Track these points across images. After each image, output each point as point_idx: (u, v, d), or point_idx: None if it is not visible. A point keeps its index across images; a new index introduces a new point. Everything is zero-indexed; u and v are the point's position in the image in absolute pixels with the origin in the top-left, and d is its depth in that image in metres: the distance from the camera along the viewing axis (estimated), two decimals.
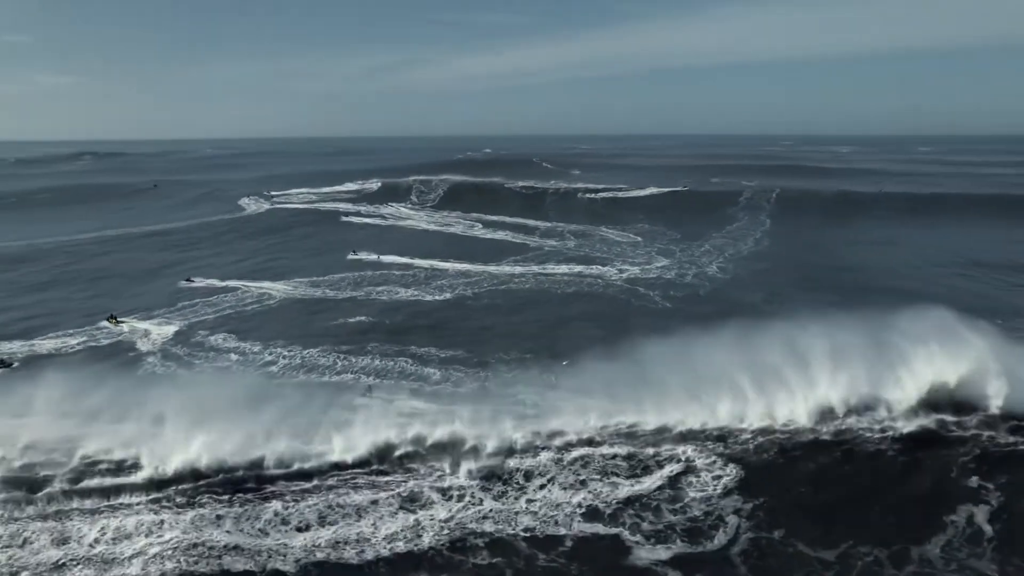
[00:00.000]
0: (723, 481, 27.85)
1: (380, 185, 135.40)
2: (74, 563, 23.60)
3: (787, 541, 24.42)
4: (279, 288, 63.52)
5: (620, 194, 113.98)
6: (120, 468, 28.99)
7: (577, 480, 28.12)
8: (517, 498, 27.14)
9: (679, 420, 31.75)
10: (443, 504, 26.77)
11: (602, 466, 29.09)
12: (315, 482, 28.31)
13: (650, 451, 30.01)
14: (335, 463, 29.35)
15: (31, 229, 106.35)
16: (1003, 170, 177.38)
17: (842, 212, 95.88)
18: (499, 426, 31.07)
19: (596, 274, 67.14)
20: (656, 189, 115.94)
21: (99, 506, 26.80)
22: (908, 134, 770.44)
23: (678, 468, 28.70)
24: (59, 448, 29.73)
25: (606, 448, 30.31)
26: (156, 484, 28.07)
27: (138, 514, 26.19)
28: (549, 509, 26.43)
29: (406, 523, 25.51)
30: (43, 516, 26.16)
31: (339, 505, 26.61)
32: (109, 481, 28.20)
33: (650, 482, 27.89)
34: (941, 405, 31.91)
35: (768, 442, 30.73)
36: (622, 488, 27.56)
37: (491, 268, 71.95)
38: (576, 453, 29.90)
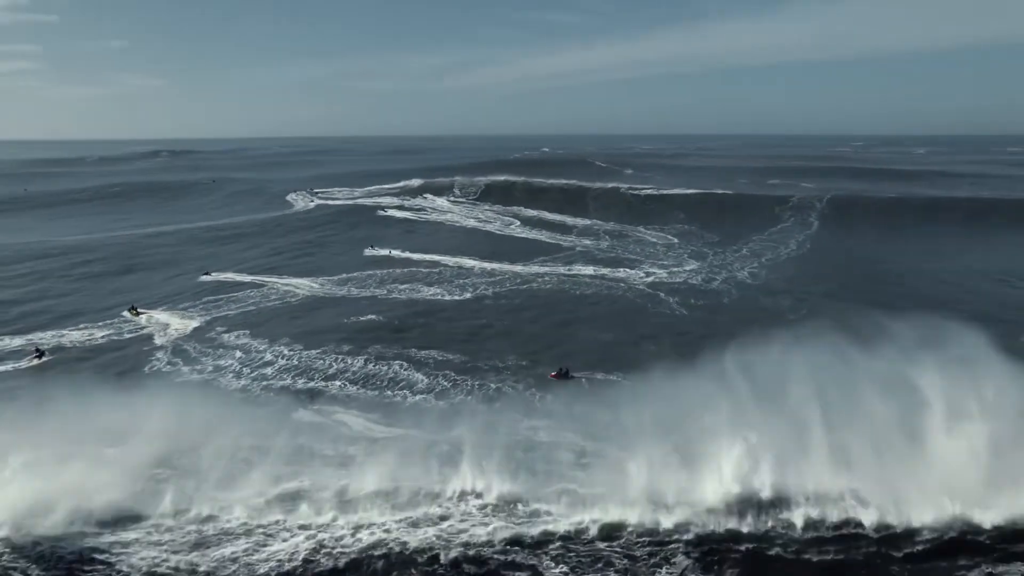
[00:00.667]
0: None
1: (426, 183, 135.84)
2: None
3: None
4: (305, 285, 64.26)
5: (664, 193, 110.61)
6: None
7: None
8: None
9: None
10: None
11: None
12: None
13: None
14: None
15: (92, 222, 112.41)
16: None
17: (898, 218, 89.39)
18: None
19: (620, 277, 65.07)
20: (702, 190, 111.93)
21: None
22: (998, 134, 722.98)
23: None
24: None
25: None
26: None
27: None
28: None
29: None
30: None
31: None
32: None
33: None
34: None
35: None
36: None
37: (517, 268, 71.17)
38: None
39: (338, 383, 38.81)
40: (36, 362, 44.63)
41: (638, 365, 40.71)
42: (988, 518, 24.57)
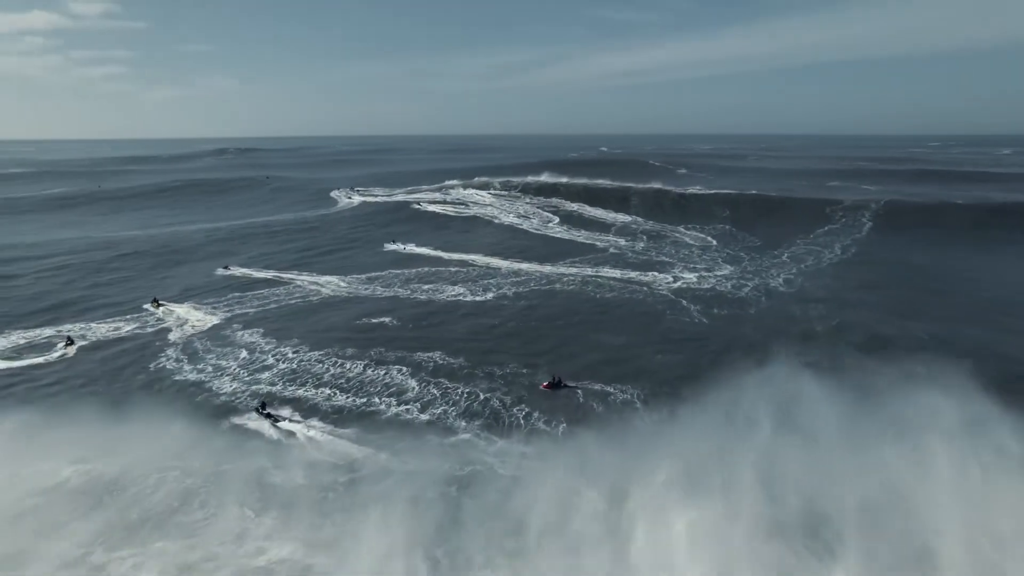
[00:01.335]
0: None
1: (470, 181, 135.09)
2: None
3: None
4: (332, 283, 64.79)
5: (709, 193, 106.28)
6: None
7: None
8: None
9: None
10: None
11: None
12: None
13: None
14: None
15: (146, 217, 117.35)
16: None
17: (962, 225, 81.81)
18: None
19: (646, 281, 62.54)
20: (749, 191, 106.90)
21: None
22: None
23: None
24: None
25: None
26: None
27: None
28: None
29: None
30: None
31: None
32: None
33: None
34: None
35: None
36: None
37: (545, 268, 70.04)
38: None
39: (327, 392, 37.89)
40: (66, 350, 46.67)
41: (639, 376, 39.10)
42: None
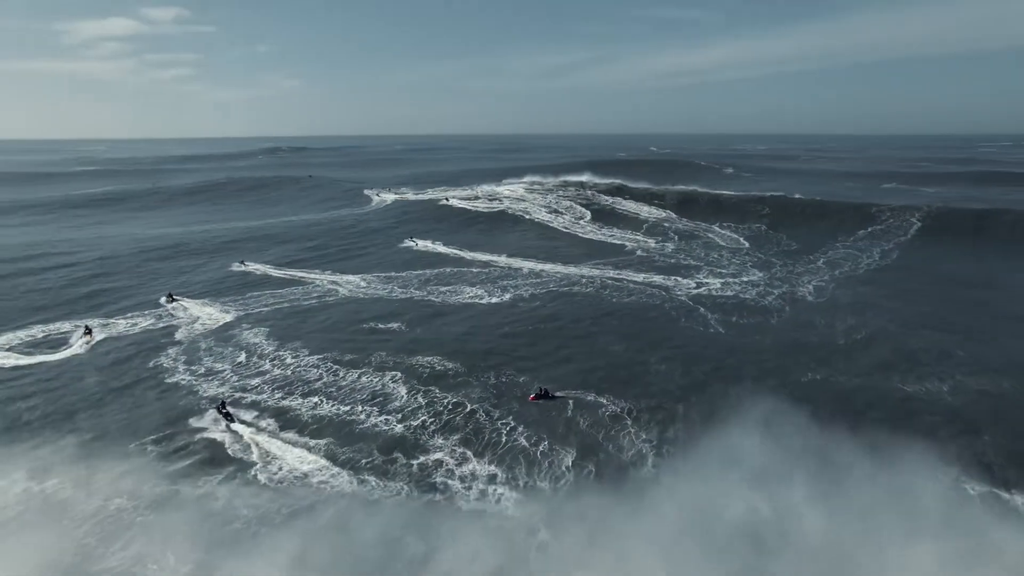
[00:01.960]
0: None
1: (511, 180, 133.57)
2: None
3: None
4: (351, 282, 64.50)
5: (749, 195, 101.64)
6: None
7: None
8: None
9: None
10: None
11: None
12: None
13: None
14: None
15: (189, 214, 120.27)
16: None
17: (1017, 233, 76.31)
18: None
19: (667, 286, 59.81)
20: (790, 193, 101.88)
21: None
22: None
23: None
24: None
25: None
26: None
27: None
28: None
29: None
30: None
31: None
32: None
33: None
34: None
35: None
36: None
37: (569, 269, 68.62)
38: None
39: (314, 400, 36.57)
40: (85, 338, 48.43)
41: (635, 388, 36.85)
42: None
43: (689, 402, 34.39)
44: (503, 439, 31.54)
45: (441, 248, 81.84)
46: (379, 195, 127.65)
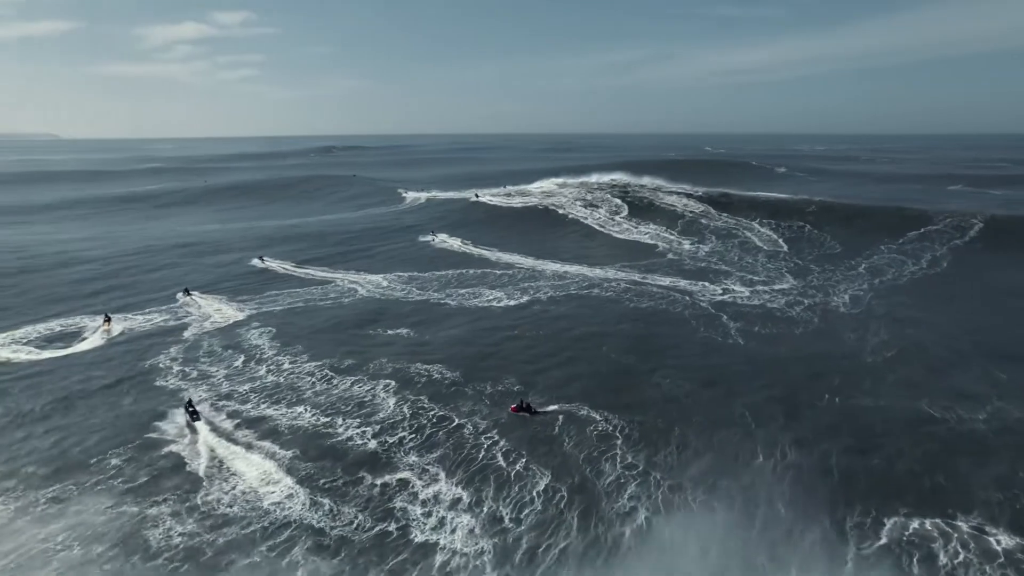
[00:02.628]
0: None
1: (552, 179, 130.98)
2: None
3: None
4: (371, 282, 63.73)
5: (792, 198, 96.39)
6: None
7: None
8: None
9: None
10: None
11: None
12: None
13: None
14: None
15: (228, 211, 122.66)
16: None
17: None
18: None
19: (691, 291, 56.62)
20: (837, 195, 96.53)
21: None
22: None
23: None
24: None
25: None
26: None
27: None
28: None
29: None
30: None
31: None
32: None
33: None
34: None
35: None
36: None
37: (595, 272, 66.51)
38: None
39: (297, 410, 34.73)
40: (106, 327, 49.78)
41: (633, 404, 34.21)
42: None
43: (688, 422, 31.61)
44: (480, 455, 29.49)
45: (468, 248, 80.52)
46: (414, 194, 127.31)
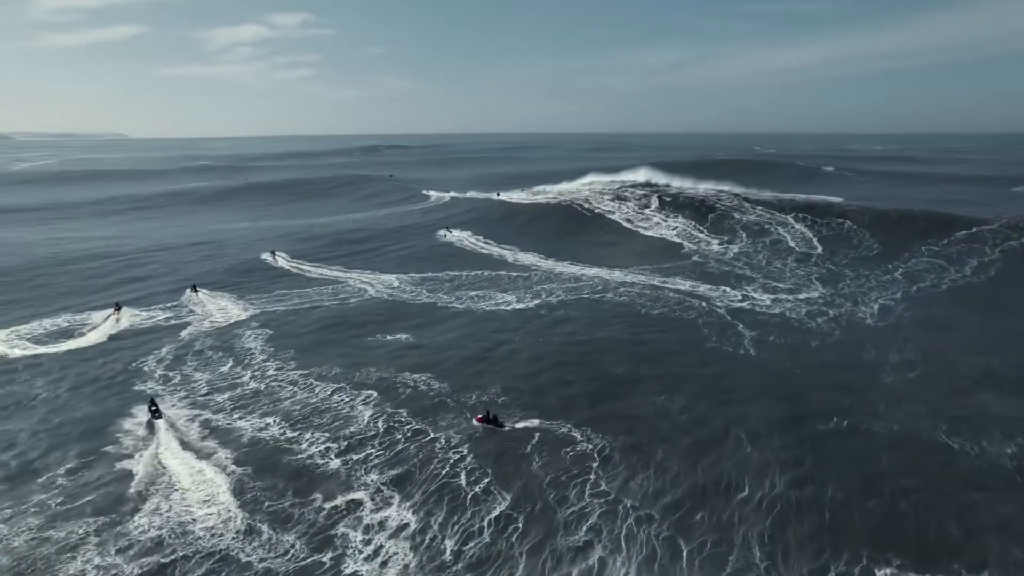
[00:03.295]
0: None
1: (585, 178, 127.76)
2: None
3: None
4: (382, 282, 62.67)
5: (830, 197, 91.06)
6: None
7: None
8: None
9: None
10: None
11: None
12: None
13: None
14: None
15: (260, 210, 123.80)
16: None
17: None
18: None
19: (709, 297, 53.41)
20: (881, 198, 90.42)
21: None
22: None
23: None
24: None
25: None
26: None
27: None
28: None
29: None
30: None
31: None
32: None
33: None
34: None
35: None
36: None
37: (613, 274, 64.09)
38: None
39: (268, 420, 33.01)
40: (115, 315, 50.98)
41: (619, 422, 31.60)
42: None
43: (675, 444, 28.86)
44: (444, 473, 27.36)
45: (486, 247, 79.05)
46: (439, 193, 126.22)
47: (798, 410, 31.77)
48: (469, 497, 25.48)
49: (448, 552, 21.91)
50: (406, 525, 23.84)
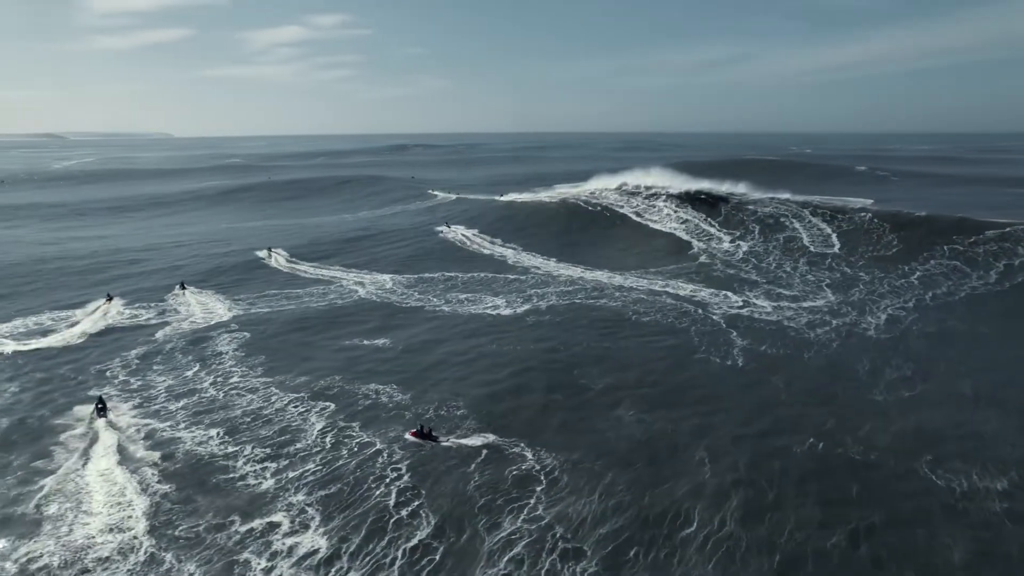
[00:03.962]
0: None
1: (602, 180, 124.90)
2: None
3: None
4: (376, 283, 61.37)
5: (858, 203, 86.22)
6: None
7: None
8: None
9: None
10: None
11: None
12: None
13: None
14: None
15: (274, 209, 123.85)
16: None
17: None
18: None
19: (707, 303, 50.54)
20: (909, 198, 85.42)
21: None
22: None
23: None
24: None
25: None
26: None
27: None
28: None
29: None
30: None
31: None
32: None
33: None
34: None
35: None
36: None
37: (612, 278, 61.50)
38: None
39: (213, 432, 31.19)
40: (105, 306, 51.92)
41: (577, 440, 29.22)
42: None
43: (629, 466, 26.34)
44: (375, 493, 25.34)
45: (486, 247, 77.15)
46: (445, 194, 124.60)
47: (773, 429, 28.96)
48: (392, 521, 23.40)
49: None
50: (315, 552, 21.85)
